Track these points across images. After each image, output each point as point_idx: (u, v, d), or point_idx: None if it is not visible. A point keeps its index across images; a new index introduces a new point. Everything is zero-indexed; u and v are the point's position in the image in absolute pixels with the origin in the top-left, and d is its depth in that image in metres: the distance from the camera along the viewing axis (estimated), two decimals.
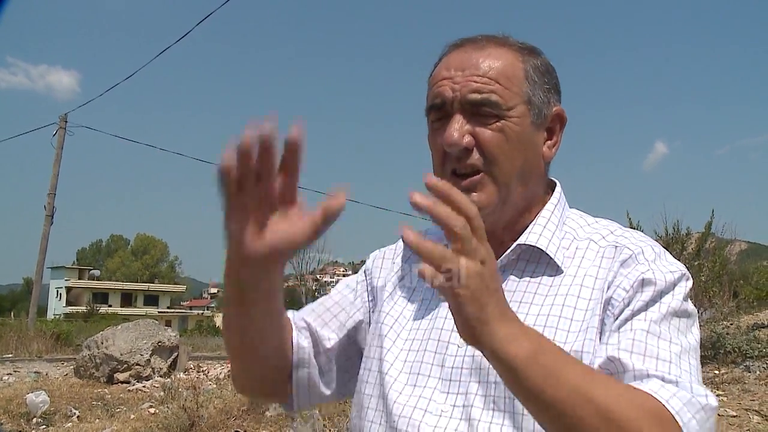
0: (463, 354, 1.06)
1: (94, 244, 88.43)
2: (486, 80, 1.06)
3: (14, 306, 50.70)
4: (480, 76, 1.06)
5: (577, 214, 1.19)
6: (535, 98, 1.09)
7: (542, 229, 1.11)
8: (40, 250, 22.19)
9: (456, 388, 1.05)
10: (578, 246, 1.11)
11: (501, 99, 1.05)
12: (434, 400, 1.05)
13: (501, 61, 1.08)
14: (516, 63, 1.09)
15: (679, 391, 0.89)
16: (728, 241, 13.07)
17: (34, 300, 22.55)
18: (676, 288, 1.02)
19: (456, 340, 1.07)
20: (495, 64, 1.07)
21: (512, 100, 1.06)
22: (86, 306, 54.40)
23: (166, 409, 7.97)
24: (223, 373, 11.80)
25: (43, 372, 12.68)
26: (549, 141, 1.13)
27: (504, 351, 0.80)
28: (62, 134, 22.18)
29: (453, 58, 1.10)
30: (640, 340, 0.95)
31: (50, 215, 21.98)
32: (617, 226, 1.15)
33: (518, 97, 1.07)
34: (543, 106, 1.10)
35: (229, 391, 8.90)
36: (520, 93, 1.07)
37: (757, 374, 7.07)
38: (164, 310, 64.77)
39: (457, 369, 1.06)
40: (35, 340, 17.73)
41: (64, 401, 9.06)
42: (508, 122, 1.06)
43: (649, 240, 1.11)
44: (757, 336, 8.13)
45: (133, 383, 10.91)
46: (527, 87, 1.08)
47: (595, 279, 1.05)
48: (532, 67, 1.10)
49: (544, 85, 1.11)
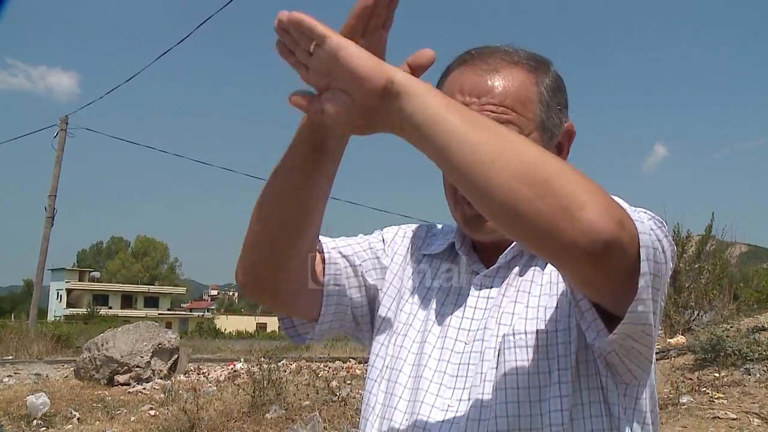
0: (470, 351, 1.08)
1: (95, 246, 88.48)
2: (503, 109, 1.05)
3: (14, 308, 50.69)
4: (496, 105, 1.05)
5: None
6: (548, 122, 1.10)
7: None
8: (40, 251, 22.19)
9: (462, 383, 1.06)
10: None
11: (517, 128, 1.05)
12: (441, 395, 1.07)
13: (515, 84, 1.07)
14: (530, 86, 1.09)
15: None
16: (729, 243, 13.07)
17: (35, 302, 22.53)
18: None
19: (463, 338, 1.09)
20: (510, 89, 1.07)
21: (527, 127, 1.07)
22: (86, 308, 54.41)
23: (167, 411, 7.98)
24: (224, 375, 11.80)
25: (43, 374, 12.68)
26: (560, 155, 1.11)
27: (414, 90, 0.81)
28: (63, 136, 22.19)
29: (466, 79, 1.09)
30: None
31: (51, 217, 21.98)
32: None
33: (533, 123, 1.08)
34: (555, 128, 1.11)
35: (230, 394, 8.91)
36: (534, 119, 1.08)
37: (758, 377, 7.05)
38: (164, 312, 64.77)
39: (464, 365, 1.08)
40: (35, 342, 17.71)
41: (65, 403, 9.06)
42: None
43: None
44: (758, 339, 8.11)
45: (134, 385, 10.91)
46: (541, 111, 1.09)
47: None
48: (546, 87, 1.10)
49: (556, 106, 1.11)
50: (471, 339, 1.09)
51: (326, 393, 8.26)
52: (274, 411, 7.72)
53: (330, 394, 8.21)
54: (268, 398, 7.96)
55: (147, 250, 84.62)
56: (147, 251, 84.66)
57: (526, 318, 1.06)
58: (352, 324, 1.26)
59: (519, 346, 1.03)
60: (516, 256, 1.13)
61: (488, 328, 1.08)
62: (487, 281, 1.13)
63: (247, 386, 8.35)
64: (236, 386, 8.91)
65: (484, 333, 1.08)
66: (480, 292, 1.13)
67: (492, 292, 1.12)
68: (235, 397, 8.56)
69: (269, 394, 8.01)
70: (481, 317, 1.10)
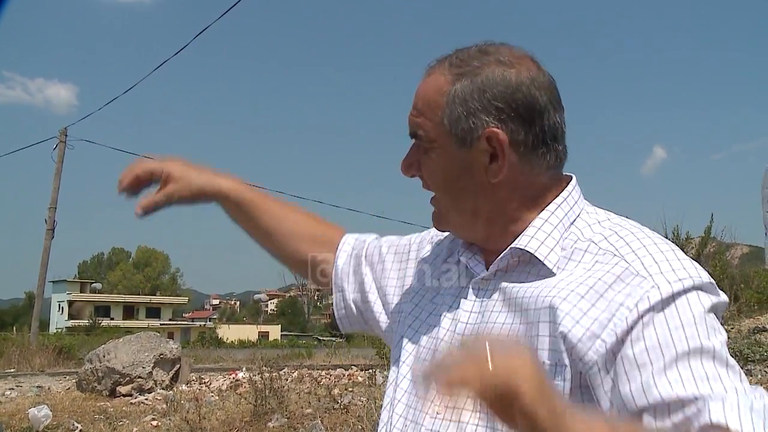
0: None
1: (96, 257, 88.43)
2: (415, 113, 1.11)
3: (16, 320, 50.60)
4: (414, 110, 1.12)
5: (591, 212, 1.14)
6: (454, 127, 1.06)
7: (536, 231, 1.09)
8: (41, 263, 22.21)
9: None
10: (578, 247, 1.07)
11: (425, 132, 1.09)
12: (434, 402, 1.07)
13: (429, 88, 1.11)
14: (441, 89, 1.08)
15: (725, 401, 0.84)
16: (729, 245, 13.06)
17: (36, 314, 22.53)
18: (680, 311, 0.92)
19: (456, 342, 1.10)
20: (424, 93, 1.11)
21: (433, 131, 1.09)
22: (88, 319, 54.31)
23: (169, 422, 7.98)
24: (226, 384, 11.79)
25: (45, 386, 12.67)
26: (493, 164, 1.07)
27: None
28: (62, 148, 22.24)
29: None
30: (673, 376, 0.88)
31: (51, 229, 22.01)
32: (624, 226, 1.08)
33: (439, 127, 1.08)
34: (466, 133, 1.06)
35: (231, 403, 8.90)
36: (440, 123, 1.08)
37: (759, 378, 7.06)
38: (166, 323, 64.62)
39: None
40: (37, 354, 17.72)
41: (67, 415, 9.05)
42: (433, 153, 1.10)
43: (653, 243, 1.02)
44: (759, 340, 8.11)
45: (136, 396, 10.90)
46: (447, 115, 1.07)
47: (581, 284, 1.00)
48: (460, 90, 1.07)
49: (469, 108, 1.06)
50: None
51: (328, 401, 8.25)
52: (276, 420, 7.71)
53: (332, 401, 8.20)
54: (270, 407, 7.96)
55: (148, 261, 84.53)
56: (148, 262, 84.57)
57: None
58: (360, 318, 1.41)
59: None
60: (512, 263, 1.11)
61: (480, 334, 1.07)
62: (484, 284, 1.13)
63: (249, 395, 8.35)
64: (238, 395, 8.91)
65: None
66: (476, 297, 1.13)
67: (486, 296, 1.11)
68: (237, 407, 8.56)
69: (271, 403, 8.01)
70: (474, 322, 1.10)
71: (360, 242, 1.43)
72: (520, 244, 1.08)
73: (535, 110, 1.06)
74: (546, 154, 1.09)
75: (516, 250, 1.09)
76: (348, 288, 1.40)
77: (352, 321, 1.42)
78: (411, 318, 1.23)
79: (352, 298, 1.40)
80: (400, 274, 1.34)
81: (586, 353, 0.94)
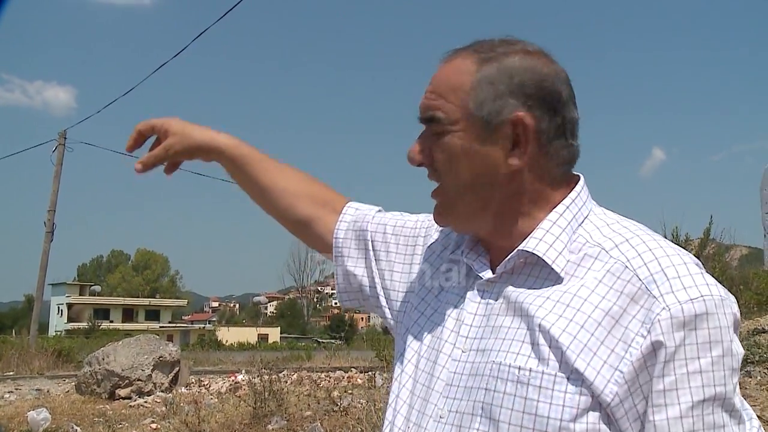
0: (465, 360, 1.06)
1: (95, 260, 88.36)
2: (433, 96, 1.08)
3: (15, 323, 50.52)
4: (431, 93, 1.09)
5: (600, 213, 1.11)
6: (478, 111, 1.05)
7: (545, 233, 1.06)
8: (40, 266, 22.20)
9: (455, 393, 1.05)
10: (587, 252, 1.04)
11: (444, 114, 1.06)
12: (437, 405, 1.06)
13: (451, 71, 1.08)
14: (466, 72, 1.07)
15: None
16: (728, 246, 13.06)
17: (35, 317, 22.52)
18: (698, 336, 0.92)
19: (461, 345, 1.08)
20: (446, 76, 1.09)
21: (455, 113, 1.06)
22: (87, 322, 54.24)
23: (168, 425, 7.97)
24: (225, 387, 11.78)
25: (44, 389, 12.65)
26: (515, 150, 1.05)
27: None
28: (61, 150, 22.25)
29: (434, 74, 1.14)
30: (687, 422, 0.91)
31: (50, 231, 22.00)
32: (635, 232, 1.05)
33: (462, 109, 1.06)
34: (492, 116, 1.04)
35: (231, 406, 8.90)
36: (463, 105, 1.06)
37: (759, 379, 7.04)
38: (166, 325, 64.60)
39: (458, 374, 1.06)
40: (36, 357, 17.71)
41: (66, 418, 9.04)
42: (452, 137, 1.06)
43: (666, 255, 0.99)
44: (758, 341, 8.09)
45: (135, 399, 10.89)
46: (472, 97, 1.05)
47: (595, 308, 0.98)
48: (486, 74, 1.06)
49: (498, 92, 1.05)
50: (468, 348, 1.07)
51: (328, 403, 8.24)
52: (275, 422, 7.70)
53: (331, 404, 8.19)
54: (270, 409, 7.95)
55: (147, 263, 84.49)
56: (147, 264, 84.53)
57: (522, 350, 1.00)
58: (359, 295, 1.39)
59: (511, 380, 0.98)
60: (518, 265, 1.09)
61: (484, 338, 1.06)
62: (489, 287, 1.10)
63: (248, 398, 8.35)
64: (238, 398, 8.91)
65: (480, 343, 1.06)
66: (481, 298, 1.10)
67: (492, 298, 1.08)
68: (236, 409, 8.55)
69: (270, 406, 8.00)
70: (479, 325, 1.08)
71: (362, 215, 1.39)
72: (528, 246, 1.06)
73: (560, 101, 1.06)
74: (563, 148, 1.08)
75: (523, 252, 1.06)
76: (348, 263, 1.36)
77: (351, 296, 1.39)
78: (417, 313, 1.21)
79: (352, 272, 1.36)
80: (406, 260, 1.31)
81: (606, 386, 0.93)
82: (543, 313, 1.00)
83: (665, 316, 0.92)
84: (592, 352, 0.94)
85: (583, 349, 0.94)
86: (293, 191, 1.40)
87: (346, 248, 1.37)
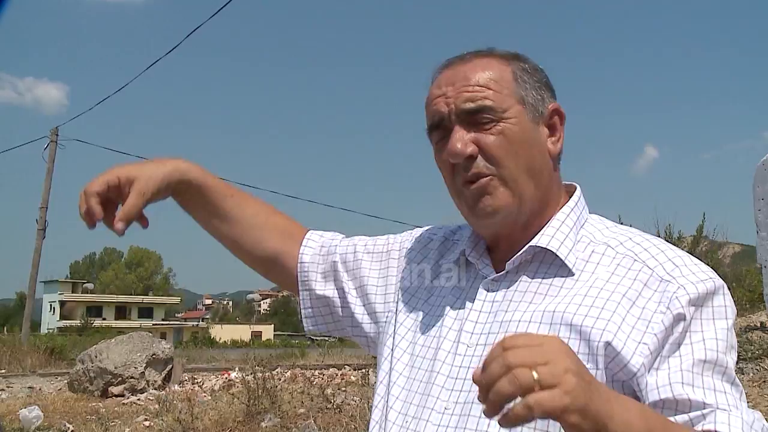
0: (472, 354, 1.08)
1: (88, 257, 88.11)
2: (478, 88, 1.09)
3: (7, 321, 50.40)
4: (471, 85, 1.09)
5: (596, 218, 1.19)
6: (527, 97, 1.11)
7: (555, 231, 1.11)
8: (32, 264, 22.11)
9: (460, 385, 1.07)
10: (594, 250, 1.11)
11: (495, 103, 1.08)
12: (440, 398, 1.08)
13: (488, 68, 1.11)
14: (503, 67, 1.12)
15: (735, 421, 0.94)
16: (721, 243, 13.11)
17: (27, 315, 22.45)
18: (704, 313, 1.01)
19: (465, 341, 1.10)
20: (483, 72, 1.10)
21: (505, 102, 1.09)
22: (80, 320, 54.08)
23: (161, 422, 7.94)
24: (218, 384, 11.75)
25: (36, 387, 12.59)
26: (552, 137, 1.14)
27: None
28: (53, 148, 22.14)
29: (443, 76, 1.14)
30: (687, 375, 0.97)
31: (42, 229, 21.91)
32: (637, 232, 1.14)
33: (511, 98, 1.09)
34: (537, 103, 1.12)
35: (224, 403, 8.87)
36: (511, 94, 1.10)
37: (751, 376, 7.08)
38: (159, 323, 64.48)
39: (465, 368, 1.08)
40: (29, 355, 17.60)
41: (58, 416, 9.00)
42: (507, 123, 1.08)
43: (669, 248, 1.09)
44: (750, 338, 8.15)
45: (128, 396, 10.85)
46: (518, 87, 1.11)
47: (612, 293, 1.04)
48: (519, 69, 1.13)
49: (535, 84, 1.13)
50: (474, 342, 1.09)
51: (321, 400, 8.24)
52: (269, 419, 7.69)
53: (325, 401, 8.19)
54: (263, 407, 7.94)
55: (140, 261, 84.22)
56: (140, 262, 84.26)
57: None
58: (330, 318, 1.38)
59: None
60: (524, 262, 1.12)
61: (492, 332, 1.07)
62: (495, 285, 1.13)
63: (241, 395, 8.33)
64: (231, 395, 8.88)
65: (488, 338, 1.07)
66: (486, 296, 1.12)
67: (498, 296, 1.11)
68: (229, 407, 8.53)
69: (264, 403, 7.99)
70: (485, 321, 1.10)
71: (328, 240, 1.40)
72: (541, 242, 1.11)
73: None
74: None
75: (534, 248, 1.11)
76: (317, 286, 1.36)
77: (318, 321, 1.39)
78: (403, 316, 1.23)
79: (322, 294, 1.36)
80: (381, 274, 1.33)
81: (632, 358, 0.98)
82: (561, 306, 1.04)
83: (682, 293, 1.00)
84: (617, 326, 1.00)
85: (608, 324, 1.00)
86: (261, 225, 1.36)
87: (313, 272, 1.37)
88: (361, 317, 1.32)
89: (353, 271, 1.34)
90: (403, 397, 1.14)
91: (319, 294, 1.36)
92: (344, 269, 1.35)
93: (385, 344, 1.24)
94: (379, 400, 1.19)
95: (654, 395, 0.96)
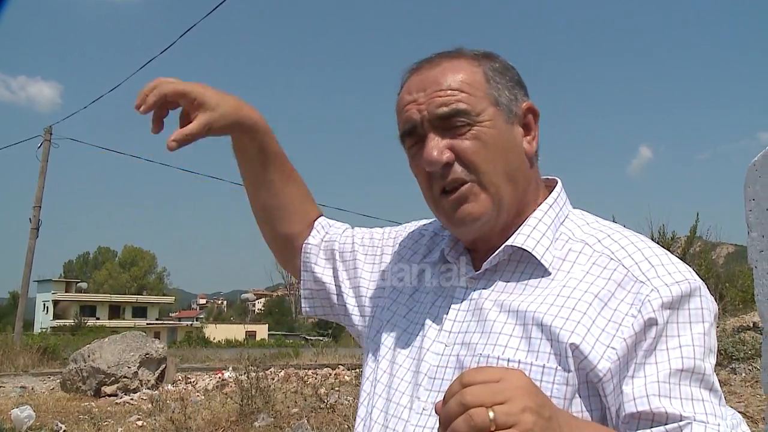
0: (449, 354, 1.08)
1: (81, 257, 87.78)
2: (450, 92, 1.07)
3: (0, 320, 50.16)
4: (443, 90, 1.07)
5: (578, 213, 1.17)
6: (501, 97, 1.09)
7: (531, 230, 1.10)
8: (25, 263, 22.01)
9: (438, 386, 1.06)
10: (572, 248, 1.09)
11: (468, 106, 1.06)
12: (418, 397, 1.07)
13: (459, 71, 1.09)
14: (474, 69, 1.10)
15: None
16: (715, 244, 13.14)
17: (20, 314, 22.34)
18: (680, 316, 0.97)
19: (443, 339, 1.09)
20: (455, 75, 1.08)
21: (479, 104, 1.07)
22: (74, 319, 53.87)
23: (154, 422, 7.93)
24: (212, 384, 11.73)
25: (29, 386, 12.55)
26: (527, 136, 1.12)
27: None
28: (47, 147, 22.06)
29: (413, 81, 1.12)
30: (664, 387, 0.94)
31: (36, 228, 21.82)
32: (617, 228, 1.12)
33: (484, 100, 1.08)
34: (511, 103, 1.10)
35: (218, 403, 8.86)
36: (485, 96, 1.08)
37: (743, 376, 7.09)
38: (153, 322, 64.26)
39: (442, 368, 1.07)
40: (21, 354, 17.54)
41: (50, 416, 8.97)
42: (481, 127, 1.06)
43: (647, 247, 1.06)
44: (743, 338, 8.15)
45: (121, 396, 10.83)
46: (490, 88, 1.09)
47: (585, 292, 1.02)
48: (491, 69, 1.11)
49: (507, 83, 1.11)
50: (452, 342, 1.08)
51: (314, 400, 8.23)
52: (262, 419, 7.68)
53: (318, 401, 8.18)
54: (257, 406, 7.93)
55: (134, 260, 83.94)
56: (134, 261, 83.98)
57: (510, 342, 1.02)
58: (327, 303, 1.39)
59: None
60: (502, 261, 1.12)
61: (469, 331, 1.07)
62: (472, 284, 1.12)
63: (235, 395, 8.32)
64: (224, 395, 8.87)
65: (464, 337, 1.07)
66: (464, 294, 1.12)
67: (474, 294, 1.11)
68: (223, 406, 8.52)
69: (257, 403, 7.98)
70: (462, 320, 1.10)
71: (335, 229, 1.42)
72: (516, 242, 1.09)
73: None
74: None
75: (511, 248, 1.10)
76: (316, 269, 1.39)
77: (315, 303, 1.41)
78: (389, 313, 1.23)
79: (320, 279, 1.38)
80: (374, 268, 1.34)
81: (599, 362, 0.96)
82: (534, 305, 1.03)
83: (655, 296, 0.97)
84: (586, 328, 0.98)
85: (577, 326, 0.98)
86: (295, 208, 1.39)
87: (314, 255, 1.39)
88: (352, 309, 1.33)
89: (348, 262, 1.36)
90: (385, 395, 1.14)
91: (317, 278, 1.38)
92: (341, 260, 1.37)
93: (371, 339, 1.25)
94: (365, 397, 1.19)
95: (631, 407, 0.93)
